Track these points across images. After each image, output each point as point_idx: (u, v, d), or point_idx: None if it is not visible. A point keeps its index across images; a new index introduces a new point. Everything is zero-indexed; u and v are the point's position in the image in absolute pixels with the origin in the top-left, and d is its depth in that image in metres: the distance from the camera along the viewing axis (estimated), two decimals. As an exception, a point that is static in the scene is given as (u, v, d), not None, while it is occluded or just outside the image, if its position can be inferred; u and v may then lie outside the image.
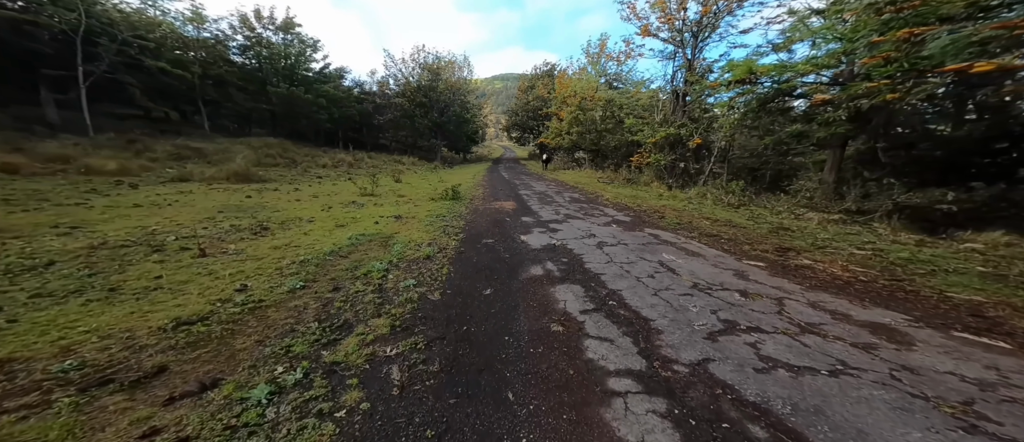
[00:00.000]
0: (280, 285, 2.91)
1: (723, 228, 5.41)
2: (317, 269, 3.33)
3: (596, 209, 7.28)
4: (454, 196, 8.13)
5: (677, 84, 15.66)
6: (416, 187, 10.90)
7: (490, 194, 9.63)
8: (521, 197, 9.13)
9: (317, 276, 3.18)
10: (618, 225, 5.65)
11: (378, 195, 8.35)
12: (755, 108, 8.52)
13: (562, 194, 10.02)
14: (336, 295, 2.81)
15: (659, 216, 6.39)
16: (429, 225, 5.44)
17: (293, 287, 2.89)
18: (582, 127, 22.00)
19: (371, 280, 3.11)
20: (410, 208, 6.94)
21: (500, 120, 71.84)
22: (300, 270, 3.28)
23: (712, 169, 12.78)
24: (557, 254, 4.03)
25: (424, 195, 8.86)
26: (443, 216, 6.24)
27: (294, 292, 2.82)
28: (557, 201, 8.45)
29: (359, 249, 3.97)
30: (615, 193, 10.42)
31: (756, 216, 6.88)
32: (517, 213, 6.79)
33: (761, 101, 8.41)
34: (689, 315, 2.48)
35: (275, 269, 3.28)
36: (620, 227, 5.51)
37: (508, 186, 12.07)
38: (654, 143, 15.81)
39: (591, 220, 6.08)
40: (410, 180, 13.75)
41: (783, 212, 7.13)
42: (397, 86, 30.24)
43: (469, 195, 9.30)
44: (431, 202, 7.80)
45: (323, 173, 14.02)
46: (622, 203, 8.27)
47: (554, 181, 14.95)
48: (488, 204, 7.85)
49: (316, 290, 2.89)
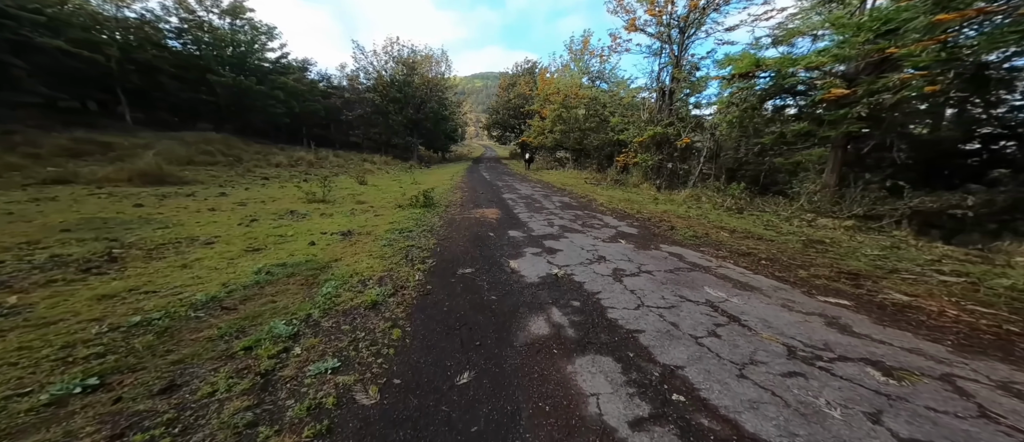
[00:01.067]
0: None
1: (749, 242, 4.53)
2: (152, 344, 1.90)
3: (594, 218, 6.23)
4: (426, 203, 6.79)
5: (664, 81, 15.13)
6: (383, 191, 9.41)
7: (470, 199, 8.36)
8: (506, 203, 7.94)
9: (135, 365, 1.74)
10: (627, 241, 4.61)
11: (331, 202, 6.84)
12: (754, 104, 7.90)
13: (551, 198, 8.93)
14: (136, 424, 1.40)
15: (668, 227, 5.44)
16: (387, 246, 4.12)
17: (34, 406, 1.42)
18: (566, 125, 21.18)
19: (254, 365, 1.79)
20: (368, 220, 5.55)
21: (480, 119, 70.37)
22: (104, 351, 1.78)
23: (701, 170, 12.23)
24: (563, 291, 2.88)
25: (390, 201, 7.44)
26: (409, 231, 4.92)
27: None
28: (547, 207, 7.34)
29: (265, 292, 2.60)
30: (607, 197, 9.48)
31: (768, 223, 6.12)
32: (503, 225, 5.59)
33: (761, 97, 7.78)
34: (839, 433, 1.40)
35: (46, 356, 1.75)
36: (630, 243, 4.47)
37: (490, 188, 10.85)
38: (640, 143, 15.20)
39: (592, 233, 5.00)
40: (378, 182, 12.16)
41: (791, 218, 6.45)
42: (368, 80, 28.05)
43: (445, 200, 7.98)
44: (397, 211, 6.43)
45: (274, 173, 12.10)
46: (619, 209, 7.30)
47: (539, 182, 13.88)
48: (467, 212, 6.59)
49: (94, 411, 1.44)
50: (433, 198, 7.38)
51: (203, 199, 6.39)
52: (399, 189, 10.06)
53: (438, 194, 9.05)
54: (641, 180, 13.45)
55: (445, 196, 8.76)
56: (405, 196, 8.24)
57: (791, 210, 7.07)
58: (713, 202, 8.84)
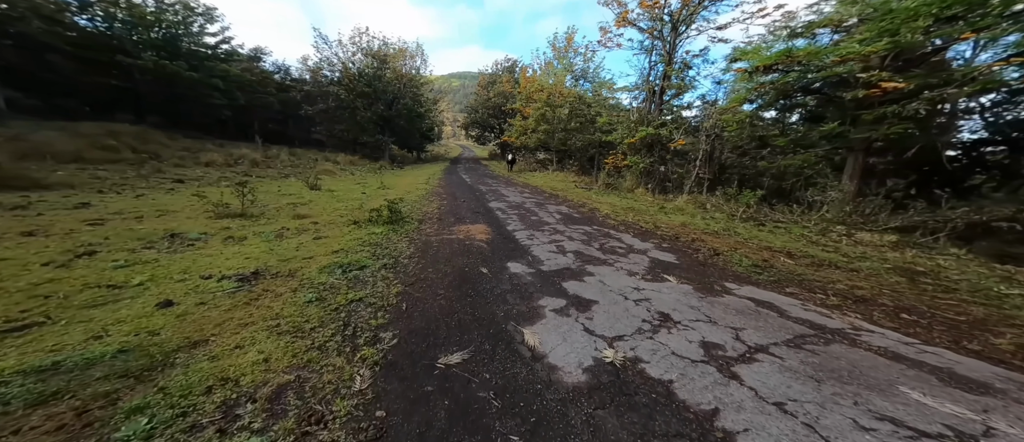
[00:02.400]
0: None
1: (835, 274, 3.42)
2: None
3: (609, 237, 4.92)
4: (391, 218, 5.13)
5: (654, 79, 14.36)
6: (340, 198, 7.58)
7: (449, 209, 6.79)
8: (494, 215, 6.45)
9: None
10: (676, 276, 3.32)
11: (254, 216, 4.98)
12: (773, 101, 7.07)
13: (545, 207, 7.57)
14: None
15: (710, 251, 4.23)
16: (314, 304, 2.50)
17: None
18: (550, 125, 20.06)
19: None
20: (301, 247, 3.84)
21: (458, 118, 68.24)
22: None
23: (698, 174, 11.46)
24: (645, 412, 1.49)
25: (344, 215, 5.71)
26: (359, 269, 3.31)
27: None
28: (546, 221, 5.95)
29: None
30: (608, 205, 8.29)
31: (804, 237, 5.16)
32: (497, 251, 4.11)
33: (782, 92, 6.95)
34: None
35: None
36: (684, 282, 3.18)
37: (472, 195, 9.31)
38: (631, 144, 14.34)
39: (622, 264, 3.67)
40: (337, 186, 10.19)
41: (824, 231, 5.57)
42: (332, 73, 25.32)
43: (418, 212, 6.35)
44: (351, 230, 4.73)
45: (198, 175, 9.74)
46: (631, 222, 6.08)
47: (526, 187, 12.52)
48: (447, 231, 5.03)
49: None
50: (402, 211, 5.73)
51: (37, 213, 4.31)
52: (361, 196, 8.24)
53: (410, 203, 7.38)
54: (635, 184, 12.51)
55: (418, 205, 7.11)
56: (366, 207, 6.49)
57: (813, 221, 6.23)
58: (721, 210, 7.94)
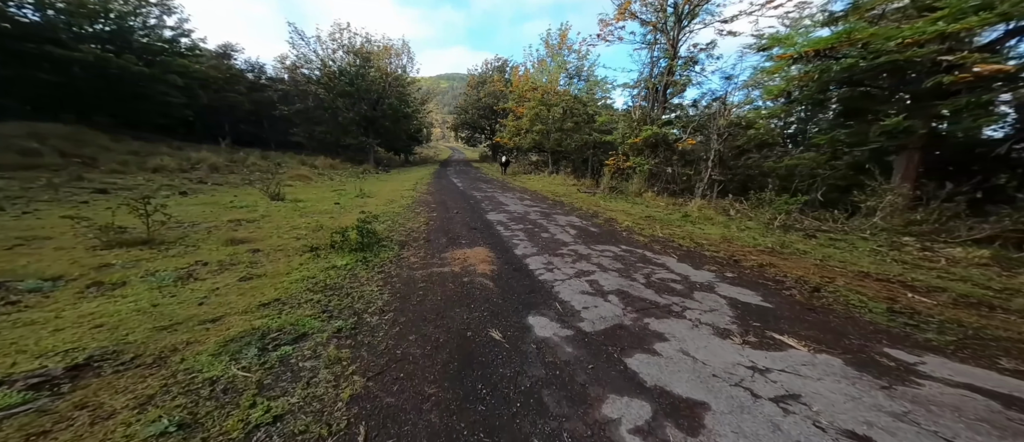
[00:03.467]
0: None
1: (1013, 320, 2.38)
2: None
3: (651, 264, 3.78)
4: (363, 243, 3.83)
5: (657, 76, 13.48)
6: (306, 210, 6.20)
7: (440, 225, 5.52)
8: (496, 232, 5.24)
9: None
10: (804, 341, 2.15)
11: (163, 245, 3.57)
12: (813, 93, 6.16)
13: (553, 217, 6.41)
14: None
15: (799, 283, 3.14)
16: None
17: None
18: (545, 125, 19.01)
19: None
20: (206, 301, 2.49)
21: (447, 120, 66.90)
22: None
23: (709, 176, 10.56)
24: None
25: (303, 235, 4.38)
26: (293, 343, 2.03)
27: None
28: (562, 240, 4.77)
29: None
30: (623, 213, 7.20)
31: (878, 253, 4.18)
32: (510, 296, 2.89)
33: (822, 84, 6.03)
34: None
35: None
36: (829, 354, 2.02)
37: (466, 203, 8.06)
38: (633, 145, 13.40)
39: (696, 315, 2.50)
40: (308, 194, 8.76)
41: (890, 243, 4.62)
42: (311, 71, 23.59)
43: (401, 229, 5.07)
44: (304, 263, 3.43)
45: (136, 183, 8.13)
46: (659, 237, 4.98)
47: (524, 191, 11.35)
48: (437, 260, 3.78)
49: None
50: (379, 230, 4.44)
51: None
52: (333, 207, 6.88)
53: (392, 216, 6.08)
54: (643, 188, 11.52)
55: (402, 220, 5.82)
56: (335, 223, 5.16)
57: (867, 231, 5.30)
58: (748, 216, 6.98)
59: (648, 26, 13.22)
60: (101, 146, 11.96)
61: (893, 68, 4.95)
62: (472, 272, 3.35)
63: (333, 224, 5.14)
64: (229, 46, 26.13)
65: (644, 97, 14.53)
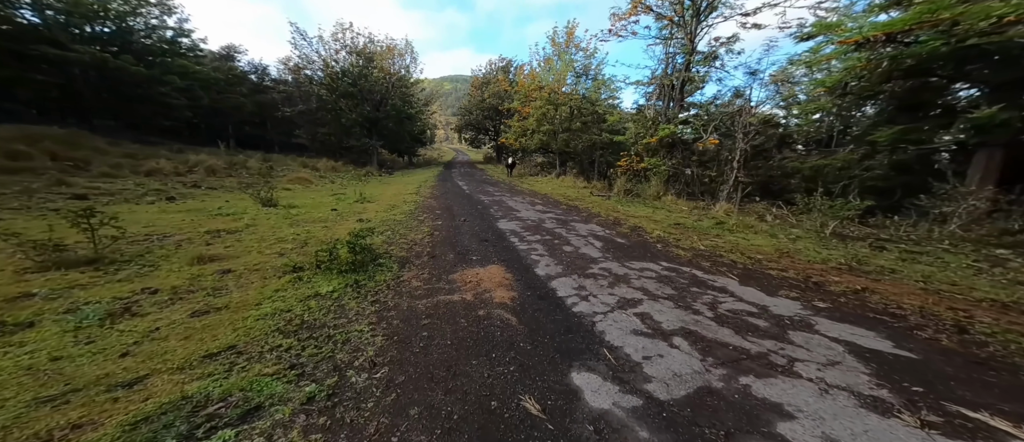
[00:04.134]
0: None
1: None
2: None
3: (709, 289, 3.07)
4: (355, 263, 3.18)
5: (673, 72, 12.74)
6: (298, 219, 5.59)
7: (446, 236, 4.86)
8: (509, 243, 4.56)
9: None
10: (953, 416, 1.49)
11: (115, 264, 2.93)
12: (875, 84, 5.40)
13: (572, 225, 5.72)
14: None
15: (929, 319, 2.43)
16: None
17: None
18: (552, 125, 18.34)
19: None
20: (135, 349, 1.84)
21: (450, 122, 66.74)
22: None
23: (736, 177, 9.77)
24: None
25: (288, 249, 3.75)
26: (239, 426, 1.39)
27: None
28: (588, 255, 4.08)
29: None
30: (647, 220, 6.49)
31: (978, 269, 3.42)
32: (540, 337, 2.20)
33: (886, 73, 5.27)
34: None
35: None
36: None
37: (474, 208, 7.40)
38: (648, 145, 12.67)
39: (812, 372, 1.78)
40: (305, 199, 8.18)
41: (990, 259, 3.85)
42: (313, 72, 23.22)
43: (402, 242, 4.42)
44: (280, 289, 2.79)
45: (125, 188, 7.61)
46: (700, 249, 4.26)
47: (534, 195, 10.67)
48: (444, 285, 3.11)
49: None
50: (373, 245, 3.79)
51: None
52: (328, 214, 6.26)
53: (393, 224, 5.43)
54: (661, 190, 10.76)
55: (403, 229, 5.17)
56: (325, 235, 4.53)
57: (945, 240, 4.53)
58: (788, 223, 6.23)
59: (664, 20, 12.50)
60: (96, 149, 11.56)
61: (981, 53, 4.20)
62: (488, 302, 2.67)
63: (326, 235, 4.51)
64: (232, 48, 25.96)
65: (659, 95, 13.78)
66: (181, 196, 7.65)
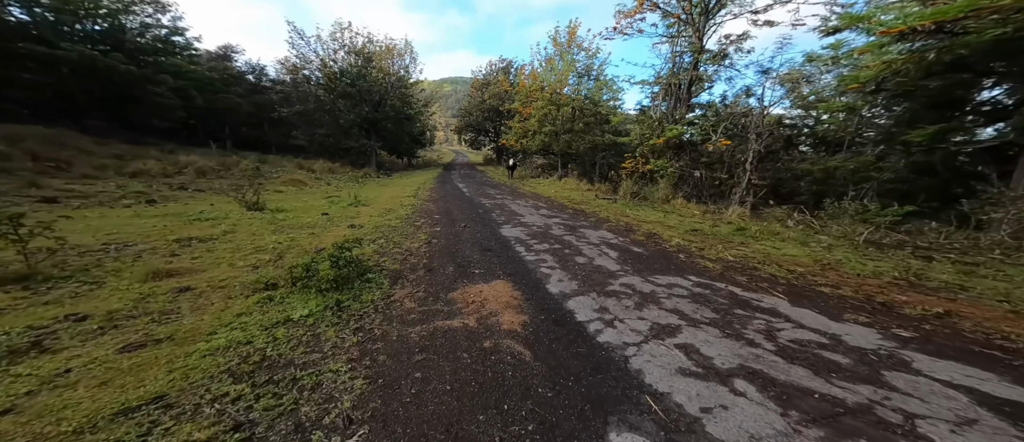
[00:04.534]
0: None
1: None
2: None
3: (758, 313, 2.59)
4: (338, 279, 2.72)
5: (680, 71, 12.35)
6: (283, 224, 5.12)
7: (445, 244, 4.39)
8: (515, 254, 4.10)
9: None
10: None
11: (52, 282, 2.45)
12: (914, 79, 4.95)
13: (582, 233, 5.26)
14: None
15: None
16: None
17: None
18: (554, 126, 17.95)
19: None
20: (25, 404, 1.41)
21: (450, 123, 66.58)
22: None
23: (750, 180, 9.35)
24: None
25: (264, 260, 3.28)
26: None
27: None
28: (605, 268, 3.61)
29: None
30: (660, 225, 6.05)
31: None
32: (563, 382, 1.72)
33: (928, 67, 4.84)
34: None
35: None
36: None
37: (474, 213, 6.95)
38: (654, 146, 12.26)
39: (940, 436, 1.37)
40: (296, 203, 7.72)
41: None
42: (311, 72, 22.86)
43: (395, 251, 3.95)
44: (246, 311, 2.32)
45: (105, 190, 7.15)
46: (728, 260, 3.81)
47: (537, 198, 10.23)
48: (442, 307, 2.64)
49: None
50: (362, 256, 3.32)
51: None
52: (318, 219, 5.80)
53: (387, 231, 4.97)
54: (670, 193, 10.32)
55: (397, 236, 4.71)
56: (311, 243, 4.07)
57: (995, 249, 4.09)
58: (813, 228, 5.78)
59: (671, 18, 12.14)
60: (82, 149, 11.10)
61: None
62: (495, 329, 2.21)
63: (312, 244, 4.04)
64: (229, 48, 25.62)
65: (665, 95, 13.38)
66: (163, 199, 7.19)
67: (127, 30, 15.23)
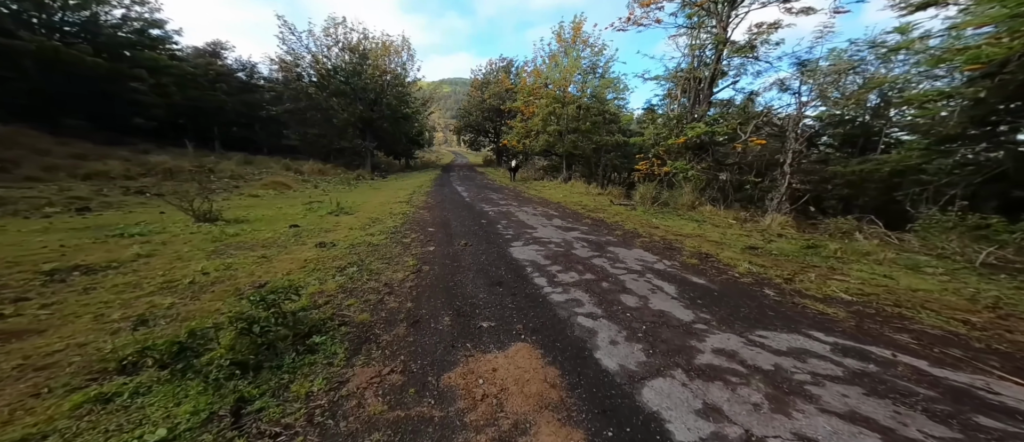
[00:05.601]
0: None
1: None
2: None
3: (1012, 422, 1.49)
4: (247, 361, 1.58)
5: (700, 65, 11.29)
6: (237, 239, 3.97)
7: (439, 276, 3.26)
8: (539, 295, 2.96)
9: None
10: None
11: None
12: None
13: (614, 254, 4.13)
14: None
15: None
16: None
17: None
18: (559, 125, 16.88)
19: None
20: None
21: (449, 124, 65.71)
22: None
23: (789, 184, 8.26)
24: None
25: (156, 313, 2.17)
26: None
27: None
28: (673, 315, 2.48)
29: None
30: (708, 242, 4.93)
31: None
32: None
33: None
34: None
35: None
36: None
37: (476, 225, 5.81)
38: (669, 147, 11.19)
39: None
40: (266, 211, 6.57)
41: None
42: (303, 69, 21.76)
43: (366, 288, 2.81)
44: (46, 426, 1.20)
45: (41, 196, 5.99)
46: (858, 304, 2.69)
47: (546, 204, 9.10)
48: (425, 413, 1.49)
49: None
50: (304, 312, 2.19)
51: None
52: (285, 232, 4.66)
53: (360, 253, 3.81)
54: (696, 199, 9.21)
55: (377, 260, 3.57)
56: (252, 275, 2.94)
57: None
58: (890, 242, 4.69)
59: (692, 6, 11.08)
60: (38, 149, 9.94)
61: None
62: None
63: (254, 274, 2.90)
64: (218, 44, 24.49)
65: (683, 91, 12.28)
66: (105, 206, 6.04)
67: (99, 21, 14.10)
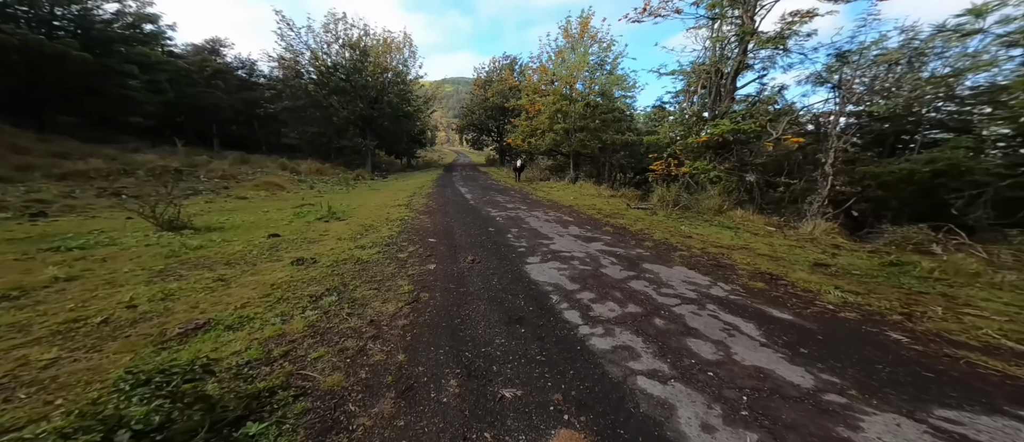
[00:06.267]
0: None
1: None
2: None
3: None
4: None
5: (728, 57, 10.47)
6: (201, 253, 3.28)
7: (439, 305, 2.54)
8: (571, 337, 2.22)
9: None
10: None
11: None
12: None
13: (652, 273, 3.40)
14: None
15: None
16: None
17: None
18: (566, 123, 16.11)
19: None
20: None
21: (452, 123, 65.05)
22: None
23: (832, 186, 7.45)
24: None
25: (11, 383, 1.48)
26: None
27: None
28: (788, 381, 1.74)
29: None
30: (768, 259, 4.18)
31: None
32: None
33: None
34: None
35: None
36: None
37: (482, 234, 5.09)
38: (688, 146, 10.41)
39: None
40: (247, 215, 5.89)
41: None
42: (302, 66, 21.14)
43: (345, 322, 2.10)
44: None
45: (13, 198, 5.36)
46: (990, 355, 1.95)
47: (557, 208, 8.35)
48: None
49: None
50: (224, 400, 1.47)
51: None
52: (254, 247, 3.97)
53: (344, 276, 3.09)
54: (724, 203, 8.41)
55: (363, 284, 2.86)
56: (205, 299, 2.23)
57: None
58: (975, 257, 3.92)
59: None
60: (14, 147, 9.36)
61: None
62: None
63: (193, 313, 2.20)
64: (217, 41, 23.92)
65: (703, 86, 11.44)
66: (66, 210, 5.38)
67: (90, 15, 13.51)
